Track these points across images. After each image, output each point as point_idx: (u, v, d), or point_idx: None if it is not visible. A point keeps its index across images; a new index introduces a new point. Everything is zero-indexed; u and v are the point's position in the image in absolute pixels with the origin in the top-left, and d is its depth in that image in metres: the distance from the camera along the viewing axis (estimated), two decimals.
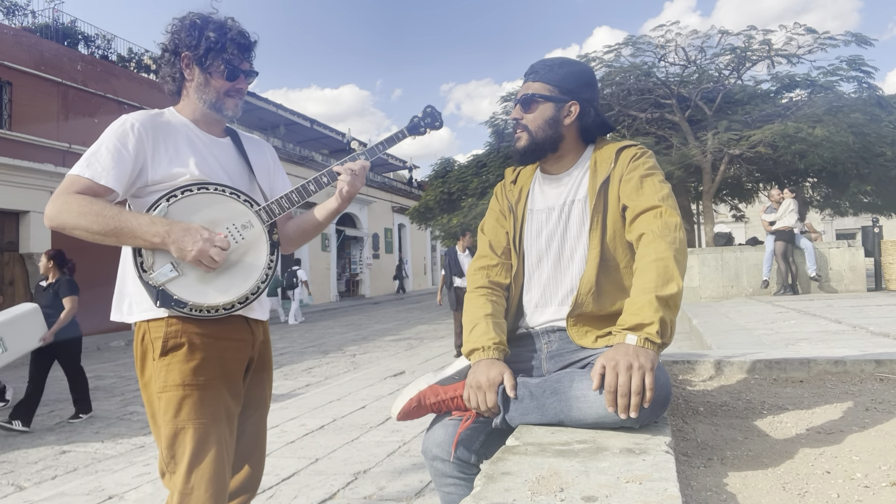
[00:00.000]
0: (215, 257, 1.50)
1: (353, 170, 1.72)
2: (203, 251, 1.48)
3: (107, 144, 1.54)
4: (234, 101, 1.70)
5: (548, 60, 1.63)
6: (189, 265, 1.52)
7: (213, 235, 1.51)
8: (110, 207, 1.48)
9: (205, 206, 1.57)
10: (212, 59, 1.63)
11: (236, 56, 1.66)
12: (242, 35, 1.68)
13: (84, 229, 1.47)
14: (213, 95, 1.67)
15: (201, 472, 1.50)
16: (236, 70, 1.67)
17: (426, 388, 1.49)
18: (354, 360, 8.35)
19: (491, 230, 1.70)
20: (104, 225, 1.46)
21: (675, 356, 2.15)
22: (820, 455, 1.24)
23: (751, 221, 23.01)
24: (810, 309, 6.54)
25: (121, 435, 4.84)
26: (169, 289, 1.50)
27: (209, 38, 1.62)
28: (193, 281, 1.53)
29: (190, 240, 1.48)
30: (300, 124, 24.23)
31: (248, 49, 1.69)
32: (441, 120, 1.91)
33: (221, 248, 1.52)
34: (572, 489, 0.94)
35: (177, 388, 1.52)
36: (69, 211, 1.47)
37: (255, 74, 1.75)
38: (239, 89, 1.70)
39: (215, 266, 1.52)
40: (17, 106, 12.35)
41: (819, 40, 12.84)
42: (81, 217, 1.46)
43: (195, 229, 1.49)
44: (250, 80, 1.75)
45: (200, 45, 1.62)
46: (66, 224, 1.48)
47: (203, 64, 1.64)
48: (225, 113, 1.70)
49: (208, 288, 1.54)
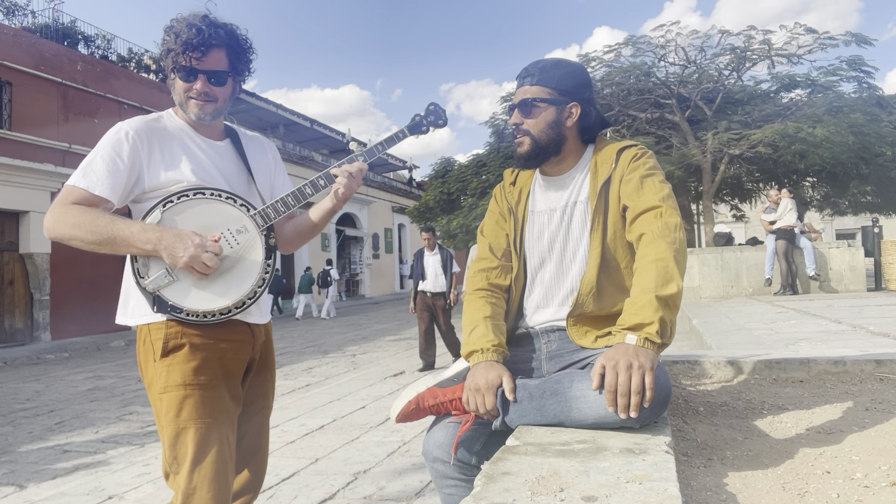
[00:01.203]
0: (208, 262, 1.50)
1: (350, 172, 1.71)
2: (194, 257, 1.48)
3: (102, 154, 1.54)
4: (197, 104, 1.61)
5: (541, 62, 1.60)
6: (183, 270, 1.52)
7: (206, 241, 1.51)
8: (103, 217, 1.49)
9: (199, 212, 1.57)
10: (171, 61, 1.60)
11: (185, 55, 1.57)
12: (197, 32, 1.57)
13: (80, 240, 1.49)
14: (177, 98, 1.64)
15: (203, 472, 1.50)
16: (190, 70, 1.58)
17: (425, 391, 1.49)
18: (354, 360, 8.35)
19: (491, 232, 1.69)
20: (98, 235, 1.48)
21: (675, 356, 2.15)
22: (820, 455, 1.24)
23: (751, 221, 23.01)
24: (810, 309, 6.54)
25: (121, 435, 4.84)
26: (164, 294, 1.51)
27: (166, 41, 1.59)
28: (188, 286, 1.53)
29: (181, 246, 1.48)
30: (300, 124, 24.22)
31: (198, 47, 1.56)
32: (445, 117, 1.90)
33: (214, 253, 1.51)
34: (572, 489, 0.94)
35: (178, 388, 1.52)
36: (65, 222, 1.49)
37: (226, 75, 1.63)
38: (200, 91, 1.60)
39: (208, 272, 1.52)
40: (17, 106, 12.35)
41: (819, 40, 12.85)
42: (76, 228, 1.48)
43: (186, 235, 1.49)
44: (221, 81, 1.63)
45: (164, 48, 1.61)
46: (62, 235, 1.50)
47: (173, 67, 1.61)
48: (189, 115, 1.64)
49: (203, 293, 1.54)
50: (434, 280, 7.48)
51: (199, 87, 1.60)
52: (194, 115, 1.64)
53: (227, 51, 1.62)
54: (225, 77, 1.63)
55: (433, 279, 7.48)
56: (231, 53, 1.64)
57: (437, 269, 7.49)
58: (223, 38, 1.61)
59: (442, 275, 7.48)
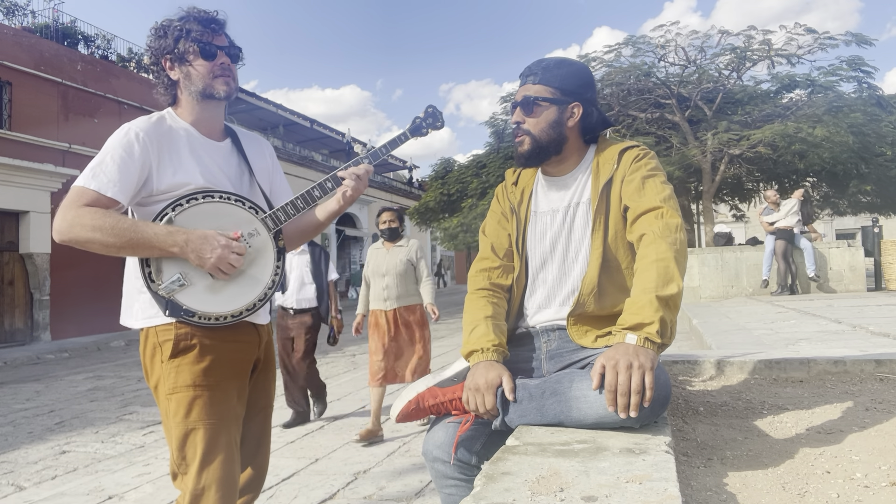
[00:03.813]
0: (234, 263, 1.51)
1: (357, 174, 1.72)
2: (222, 258, 1.49)
3: (112, 155, 1.52)
4: (224, 80, 1.63)
5: (544, 61, 1.60)
6: (197, 274, 1.52)
7: (231, 241, 1.52)
8: (124, 220, 1.48)
9: (211, 215, 1.57)
10: (183, 46, 1.59)
11: (205, 32, 1.60)
12: (204, 12, 1.62)
13: (99, 243, 1.46)
14: (200, 83, 1.62)
15: (212, 473, 1.51)
16: (210, 46, 1.61)
17: (425, 391, 1.49)
18: (354, 360, 8.34)
19: (493, 232, 1.69)
20: (120, 238, 1.45)
21: (675, 356, 2.15)
22: (820, 455, 1.24)
23: (751, 221, 23.00)
24: (810, 309, 6.54)
25: (121, 435, 4.83)
26: (177, 299, 1.51)
27: (175, 29, 1.60)
28: (201, 290, 1.53)
29: (208, 247, 1.48)
30: (300, 124, 24.22)
31: (213, 22, 1.62)
32: (442, 119, 1.92)
33: (238, 253, 1.52)
34: (572, 489, 0.94)
35: (187, 388, 1.53)
36: (82, 225, 1.45)
37: (236, 49, 1.68)
38: (223, 65, 1.63)
39: (233, 272, 1.53)
40: (17, 106, 12.35)
41: (819, 40, 12.85)
42: (96, 231, 1.45)
43: (212, 236, 1.50)
44: (237, 56, 1.68)
45: (170, 40, 1.60)
46: (79, 238, 1.46)
47: (180, 57, 1.60)
48: (217, 96, 1.63)
49: (216, 297, 1.55)
50: (298, 291, 5.03)
51: (224, 61, 1.63)
52: (223, 93, 1.64)
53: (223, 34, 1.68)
54: (237, 53, 1.68)
55: (297, 289, 5.03)
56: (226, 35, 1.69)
57: (303, 274, 5.04)
58: (220, 21, 1.66)
59: (311, 283, 5.05)
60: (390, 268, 4.62)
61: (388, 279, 4.60)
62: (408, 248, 4.74)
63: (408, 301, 4.62)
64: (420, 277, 4.70)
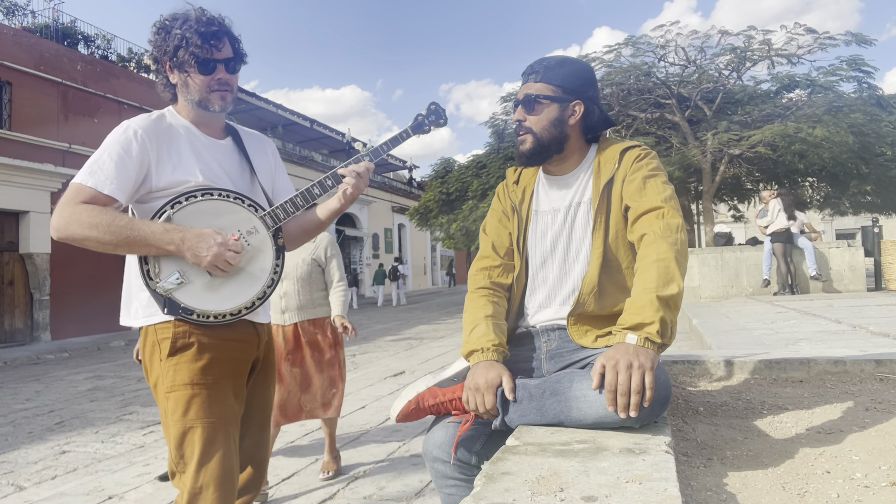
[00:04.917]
0: (231, 261, 1.51)
1: (358, 172, 1.71)
2: (219, 255, 1.48)
3: (110, 152, 1.52)
4: (220, 95, 1.61)
5: (546, 59, 1.61)
6: (195, 272, 1.52)
7: (227, 239, 1.51)
8: (121, 217, 1.47)
9: (210, 213, 1.57)
10: (181, 57, 1.56)
11: (204, 47, 1.55)
12: (208, 23, 1.56)
13: (96, 240, 1.45)
14: (196, 94, 1.60)
15: (210, 472, 1.50)
16: (208, 61, 1.57)
17: (425, 390, 1.49)
18: (354, 360, 8.34)
19: (493, 230, 1.69)
20: (117, 235, 1.45)
21: (675, 356, 2.15)
22: (820, 455, 1.24)
23: (751, 221, 22.99)
24: (810, 309, 6.54)
25: (121, 435, 4.83)
26: (176, 297, 1.51)
27: (175, 37, 1.55)
28: (200, 288, 1.53)
29: (205, 245, 1.48)
30: (300, 124, 24.22)
31: (214, 36, 1.57)
32: (445, 117, 1.92)
33: (235, 251, 1.52)
34: (572, 489, 0.94)
35: (185, 387, 1.52)
36: (79, 222, 1.45)
37: (237, 61, 1.64)
38: (221, 81, 1.60)
39: (230, 269, 1.52)
40: (17, 106, 12.35)
41: (819, 40, 12.85)
42: (93, 228, 1.44)
43: (209, 234, 1.50)
44: (235, 68, 1.64)
45: (170, 46, 1.57)
46: (75, 235, 1.46)
47: (178, 65, 1.58)
48: (212, 109, 1.62)
49: (215, 295, 1.55)
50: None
51: (222, 76, 1.60)
52: (218, 108, 1.62)
53: (228, 39, 1.63)
54: (238, 64, 1.65)
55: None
56: (231, 40, 1.64)
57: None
58: (225, 27, 1.62)
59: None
60: (290, 270, 3.47)
61: (286, 284, 3.48)
62: (314, 244, 3.56)
63: (313, 313, 3.50)
64: (330, 282, 3.54)
